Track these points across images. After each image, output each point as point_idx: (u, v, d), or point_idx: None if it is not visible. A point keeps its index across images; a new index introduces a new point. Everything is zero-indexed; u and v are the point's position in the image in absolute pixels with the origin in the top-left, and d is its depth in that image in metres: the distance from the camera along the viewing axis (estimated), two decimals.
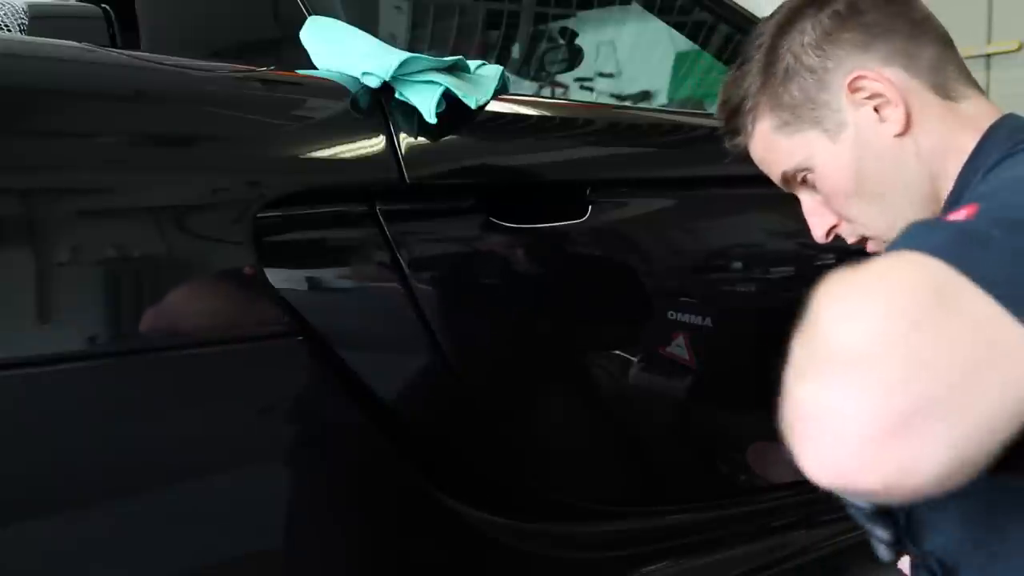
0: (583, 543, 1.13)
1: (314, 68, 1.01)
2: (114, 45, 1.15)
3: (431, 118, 0.94)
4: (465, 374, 0.99)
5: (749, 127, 0.83)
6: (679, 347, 1.17)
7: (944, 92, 0.77)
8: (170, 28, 1.17)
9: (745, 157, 0.86)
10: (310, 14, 1.07)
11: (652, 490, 1.22)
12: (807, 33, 0.78)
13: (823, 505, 1.22)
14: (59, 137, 0.79)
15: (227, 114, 0.89)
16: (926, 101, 0.76)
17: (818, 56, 0.78)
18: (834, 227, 0.83)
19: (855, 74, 0.76)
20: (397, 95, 0.96)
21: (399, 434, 0.95)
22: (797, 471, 0.47)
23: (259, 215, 0.84)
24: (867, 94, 0.76)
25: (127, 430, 0.79)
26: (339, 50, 1.01)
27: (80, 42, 0.89)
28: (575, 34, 2.08)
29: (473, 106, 0.98)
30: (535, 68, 2.14)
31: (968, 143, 0.74)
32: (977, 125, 0.74)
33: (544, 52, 2.12)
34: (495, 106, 1.03)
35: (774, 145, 0.82)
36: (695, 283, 1.13)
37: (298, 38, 1.04)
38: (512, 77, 1.57)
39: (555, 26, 2.10)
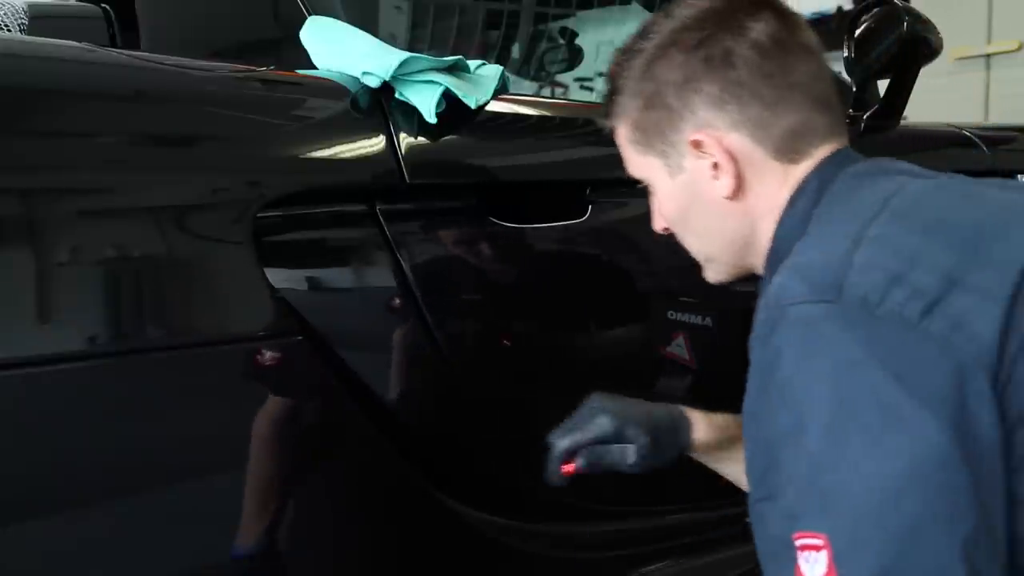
0: (582, 543, 1.13)
1: (314, 68, 1.01)
2: (114, 45, 1.15)
3: (431, 118, 0.94)
4: (465, 374, 0.99)
5: (613, 121, 0.86)
6: (679, 347, 1.17)
7: (788, 157, 0.77)
8: (170, 28, 1.17)
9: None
10: (310, 14, 1.07)
11: (651, 490, 1.22)
12: (676, 70, 0.78)
13: None
14: (59, 137, 0.79)
15: (227, 114, 0.89)
16: (764, 168, 0.78)
17: (678, 98, 0.78)
18: (665, 228, 0.88)
19: (699, 135, 0.78)
20: (397, 95, 0.96)
21: (398, 433, 0.95)
22: None
23: (259, 215, 0.84)
24: (706, 153, 0.78)
25: (127, 430, 0.79)
26: (339, 50, 1.01)
27: (80, 42, 0.89)
28: (575, 34, 2.08)
29: (473, 106, 0.98)
30: (535, 68, 2.13)
31: (783, 204, 0.78)
32: (799, 183, 0.77)
33: (544, 52, 2.12)
34: (495, 106, 1.03)
35: (625, 151, 0.86)
36: (695, 282, 1.13)
37: (298, 38, 1.04)
38: (512, 77, 1.57)
39: (555, 26, 2.10)
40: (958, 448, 0.56)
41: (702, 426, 0.92)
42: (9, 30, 1.09)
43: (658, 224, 0.89)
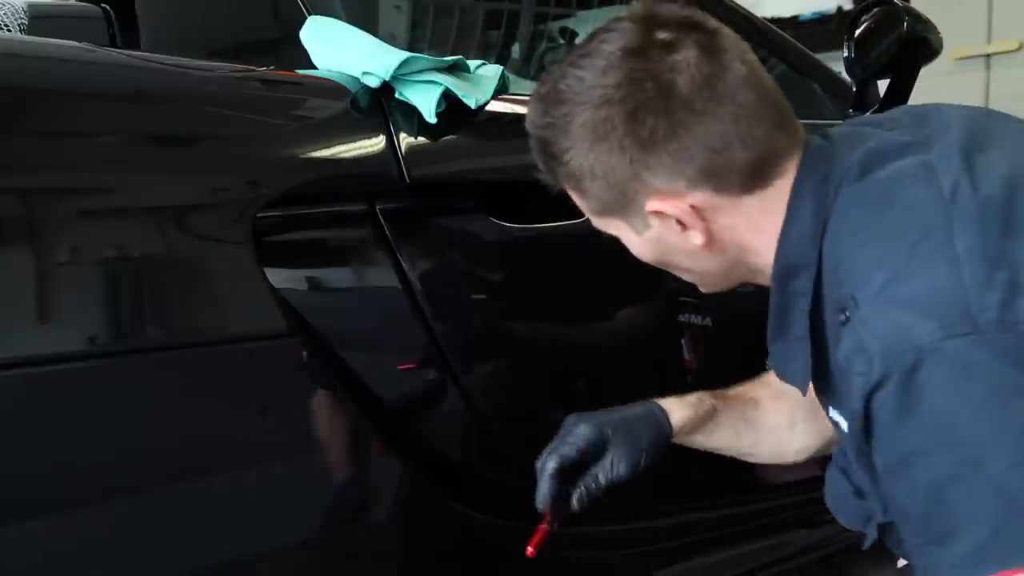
0: (581, 543, 1.13)
1: (314, 68, 1.01)
2: (114, 45, 1.15)
3: (431, 118, 0.94)
4: (464, 374, 0.99)
5: (557, 181, 0.79)
6: (680, 345, 1.17)
7: (758, 185, 0.73)
8: (170, 28, 1.17)
9: None
10: (310, 14, 1.07)
11: (650, 491, 1.22)
12: (616, 151, 0.71)
13: (823, 505, 1.22)
14: (59, 137, 0.79)
15: (227, 114, 0.89)
16: (736, 206, 0.73)
17: (627, 176, 0.72)
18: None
19: (658, 205, 0.72)
20: (397, 95, 0.96)
21: (398, 433, 0.95)
22: (798, 471, 0.47)
23: (259, 215, 0.84)
24: (669, 217, 0.73)
25: (127, 430, 0.79)
26: (339, 50, 1.00)
27: (80, 42, 0.88)
28: (575, 34, 2.08)
29: (473, 106, 0.98)
30: (535, 68, 2.13)
31: (776, 221, 0.73)
32: (784, 199, 0.73)
33: (544, 52, 2.12)
34: (495, 106, 1.03)
35: (582, 209, 0.80)
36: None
37: (298, 38, 1.04)
38: (512, 77, 1.57)
39: (555, 26, 2.10)
40: None
41: (677, 409, 0.91)
42: (9, 30, 1.09)
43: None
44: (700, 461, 1.24)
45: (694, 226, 0.73)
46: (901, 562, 0.81)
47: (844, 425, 0.73)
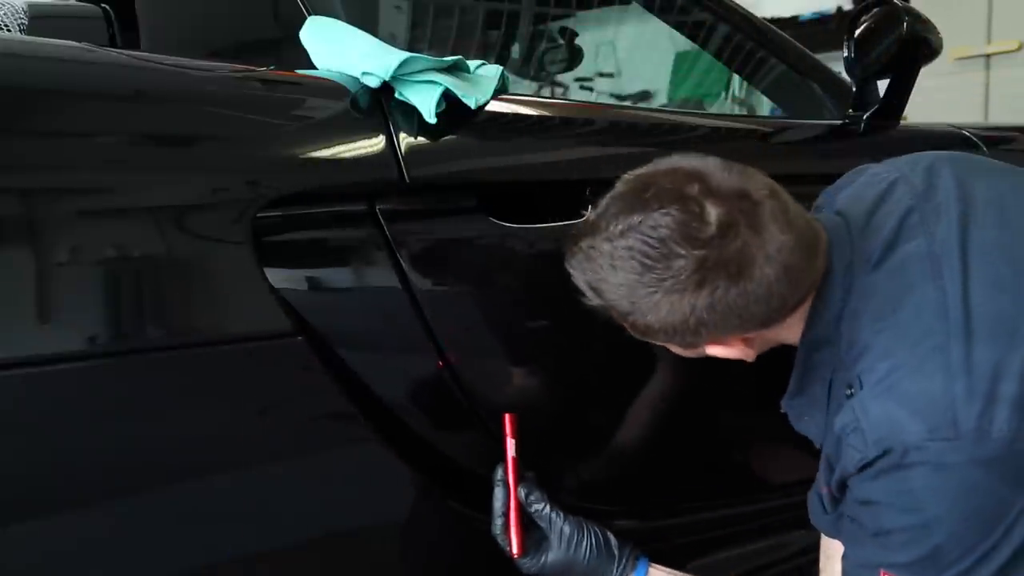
0: None
1: (314, 68, 1.01)
2: (114, 45, 1.15)
3: (431, 118, 0.94)
4: (465, 374, 0.99)
5: (629, 327, 0.84)
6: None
7: (795, 310, 0.83)
8: (169, 28, 1.17)
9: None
10: (310, 14, 1.07)
11: (648, 491, 1.22)
12: (691, 326, 0.78)
13: None
14: (59, 137, 0.79)
15: (227, 114, 0.89)
16: (779, 327, 0.84)
17: (696, 339, 0.81)
18: None
19: (714, 351, 0.85)
20: (397, 95, 0.96)
21: (398, 433, 0.95)
22: (796, 472, 0.47)
23: (259, 215, 0.84)
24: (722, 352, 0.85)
25: (127, 430, 0.79)
26: (339, 50, 1.00)
27: (80, 42, 0.89)
28: (575, 34, 2.08)
29: (473, 106, 0.98)
30: (535, 68, 2.13)
31: (806, 308, 0.85)
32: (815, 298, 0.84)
33: (544, 52, 2.12)
34: (495, 106, 1.03)
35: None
36: None
37: (298, 38, 1.04)
38: (512, 77, 1.57)
39: (555, 26, 2.10)
40: None
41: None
42: (9, 30, 1.09)
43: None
44: (698, 462, 1.24)
45: (745, 354, 0.86)
46: None
47: (821, 448, 0.89)
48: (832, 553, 0.97)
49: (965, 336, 0.75)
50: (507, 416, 0.98)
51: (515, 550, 0.97)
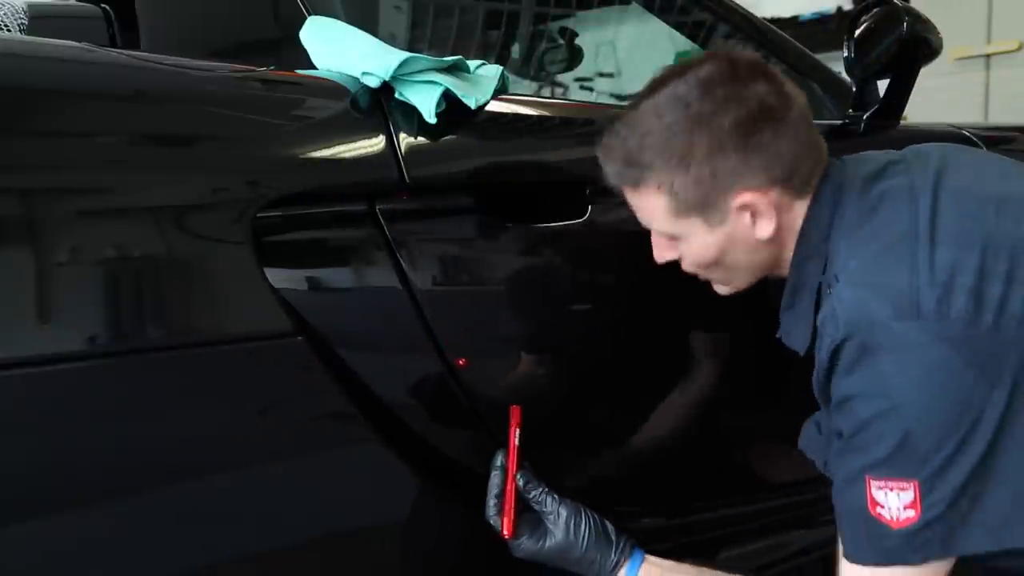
0: None
1: (314, 68, 1.01)
2: (114, 45, 1.15)
3: (431, 118, 0.94)
4: (464, 374, 0.99)
5: (637, 187, 0.91)
6: (676, 344, 1.17)
7: (805, 191, 0.91)
8: (169, 28, 1.17)
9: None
10: (310, 14, 1.07)
11: (648, 491, 1.22)
12: (712, 145, 0.86)
13: (823, 505, 1.22)
14: (59, 137, 0.79)
15: (227, 114, 0.89)
16: (792, 207, 0.91)
17: (725, 165, 0.87)
18: (675, 259, 0.97)
19: (747, 196, 0.88)
20: (397, 95, 0.96)
21: (399, 434, 0.95)
22: (797, 472, 0.47)
23: (259, 215, 0.84)
24: (750, 209, 0.89)
25: (127, 430, 0.79)
26: (339, 50, 1.00)
27: (80, 42, 0.88)
28: (575, 34, 2.08)
29: (473, 106, 0.98)
30: (535, 68, 2.13)
31: (793, 240, 0.93)
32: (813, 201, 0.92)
33: (544, 52, 2.12)
34: (495, 106, 1.03)
35: (656, 215, 0.92)
36: (695, 282, 1.13)
37: (298, 38, 1.04)
38: (512, 77, 1.57)
39: (555, 26, 2.10)
40: (1011, 399, 0.78)
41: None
42: (9, 30, 1.09)
43: (665, 257, 0.97)
44: (697, 462, 1.24)
45: (769, 217, 0.89)
46: None
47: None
48: None
49: (930, 243, 0.82)
50: (514, 407, 1.00)
51: (506, 531, 0.97)
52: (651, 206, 0.91)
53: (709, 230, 0.91)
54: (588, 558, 0.99)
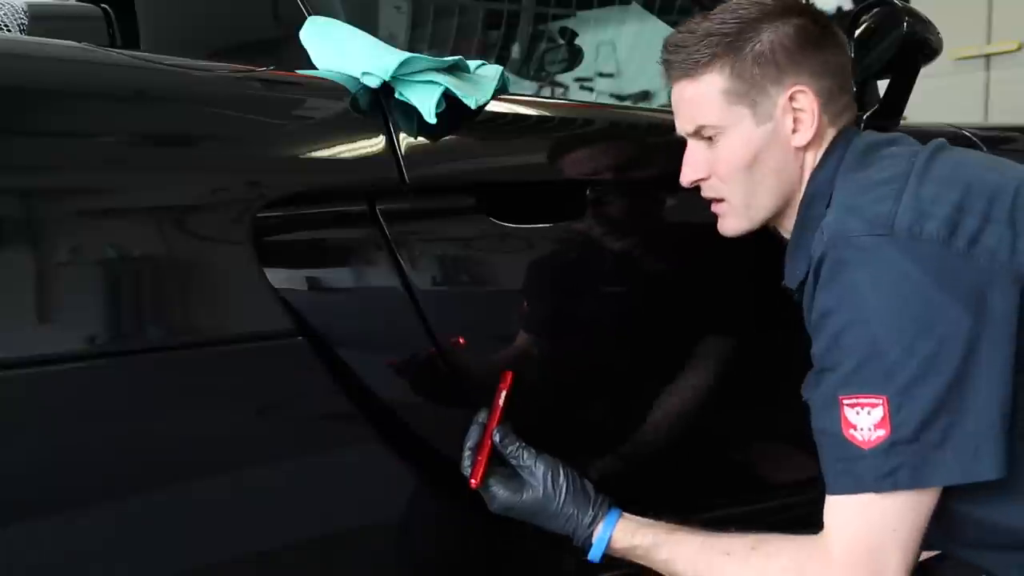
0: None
1: (314, 68, 1.01)
2: (114, 45, 1.15)
3: (431, 118, 0.94)
4: (465, 374, 0.99)
5: (698, 71, 0.98)
6: (675, 344, 1.17)
7: (834, 125, 0.99)
8: (169, 28, 1.17)
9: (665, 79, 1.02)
10: (310, 14, 1.07)
11: (647, 491, 1.22)
12: (786, 38, 0.95)
13: (823, 505, 1.22)
14: (59, 137, 0.79)
15: (227, 114, 0.89)
16: (823, 130, 0.98)
17: (786, 60, 0.95)
18: (702, 179, 1.01)
19: (801, 87, 0.95)
20: (397, 95, 0.96)
21: (399, 434, 0.95)
22: (796, 472, 0.47)
23: (259, 215, 0.84)
24: (798, 107, 0.96)
25: (127, 430, 0.79)
26: (339, 50, 1.00)
27: (80, 42, 0.88)
28: (575, 34, 2.08)
29: (473, 106, 0.98)
30: (535, 68, 2.13)
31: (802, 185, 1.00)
32: (830, 145, 0.99)
33: (544, 52, 2.12)
34: (495, 106, 1.03)
35: (709, 100, 0.98)
36: (695, 281, 1.13)
37: (298, 38, 1.04)
38: (512, 77, 1.57)
39: (555, 26, 2.10)
40: (980, 329, 0.80)
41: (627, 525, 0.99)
42: (9, 30, 1.09)
43: (693, 175, 1.01)
44: (697, 462, 1.24)
45: (809, 123, 0.96)
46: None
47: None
48: None
49: (918, 182, 0.88)
50: (507, 372, 0.99)
51: (474, 480, 0.96)
52: (708, 91, 0.97)
53: (755, 123, 0.96)
54: (566, 512, 0.98)
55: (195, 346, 0.82)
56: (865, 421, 0.83)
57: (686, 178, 1.02)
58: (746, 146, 0.97)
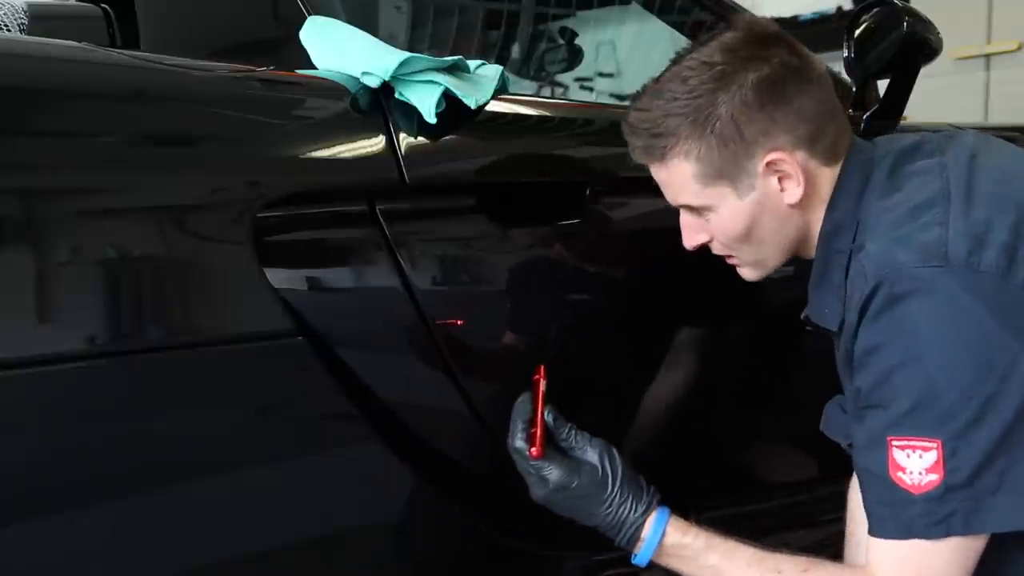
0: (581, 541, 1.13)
1: (314, 68, 1.01)
2: (114, 45, 1.15)
3: (431, 118, 0.94)
4: (464, 374, 0.99)
5: (664, 158, 0.90)
6: (675, 343, 1.17)
7: (831, 160, 0.91)
8: (169, 28, 1.17)
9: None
10: (310, 14, 1.07)
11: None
12: (738, 106, 0.86)
13: (823, 505, 1.22)
14: (59, 137, 0.79)
15: (227, 114, 0.89)
16: (818, 174, 0.91)
17: (749, 125, 0.87)
18: (704, 243, 0.96)
19: (775, 155, 0.87)
20: (397, 95, 0.96)
21: (398, 434, 0.95)
22: (797, 472, 0.47)
23: (259, 215, 0.84)
24: (779, 169, 0.88)
25: (127, 430, 0.79)
26: (339, 50, 1.00)
27: (80, 42, 0.88)
28: (575, 34, 2.08)
29: (473, 106, 0.98)
30: (535, 68, 2.14)
31: (821, 211, 0.92)
32: (840, 174, 0.92)
33: (544, 52, 2.12)
34: (495, 106, 1.03)
35: (683, 185, 0.91)
36: (694, 281, 1.13)
37: (298, 38, 1.04)
38: (512, 77, 1.57)
39: (555, 26, 2.10)
40: None
41: (677, 523, 0.94)
42: (9, 30, 1.09)
43: (695, 240, 0.96)
44: (698, 462, 1.24)
45: (797, 180, 0.89)
46: None
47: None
48: (861, 520, 0.96)
49: (964, 202, 0.82)
50: (539, 366, 0.98)
51: (535, 450, 0.92)
52: (679, 177, 0.90)
53: (738, 198, 0.90)
54: (619, 499, 0.93)
55: (195, 346, 0.82)
56: (916, 464, 0.78)
57: (688, 244, 0.97)
58: (735, 220, 0.91)
